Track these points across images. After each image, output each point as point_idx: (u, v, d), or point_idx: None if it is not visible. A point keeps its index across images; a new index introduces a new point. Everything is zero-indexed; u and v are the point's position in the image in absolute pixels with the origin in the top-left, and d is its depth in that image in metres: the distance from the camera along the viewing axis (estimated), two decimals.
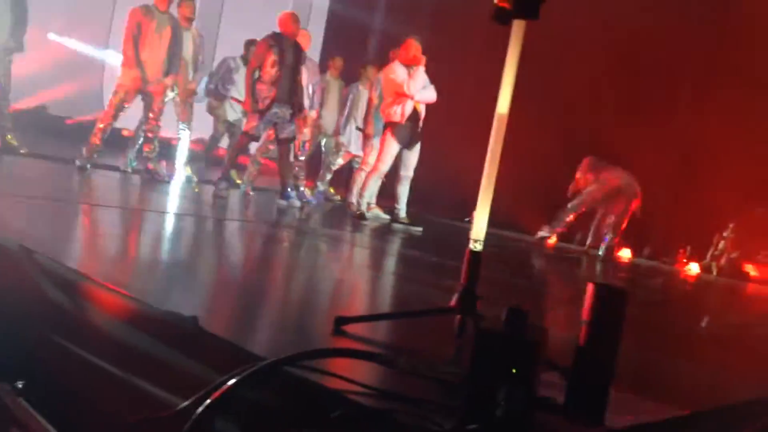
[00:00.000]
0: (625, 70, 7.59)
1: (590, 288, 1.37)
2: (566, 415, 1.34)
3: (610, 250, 6.61)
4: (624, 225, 6.59)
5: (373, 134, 6.61)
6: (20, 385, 1.72)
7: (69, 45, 8.91)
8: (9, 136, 6.00)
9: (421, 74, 5.84)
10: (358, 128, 7.19)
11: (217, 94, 7.17)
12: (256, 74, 5.70)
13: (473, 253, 1.70)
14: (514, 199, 6.15)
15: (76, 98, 8.85)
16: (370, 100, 6.73)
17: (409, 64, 5.85)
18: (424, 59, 5.82)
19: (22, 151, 5.99)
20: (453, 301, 1.66)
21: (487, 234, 1.72)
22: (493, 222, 1.75)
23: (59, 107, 9.06)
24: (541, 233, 6.87)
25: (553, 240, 6.84)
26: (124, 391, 1.58)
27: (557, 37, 6.78)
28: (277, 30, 5.81)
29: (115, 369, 1.62)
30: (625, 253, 7.01)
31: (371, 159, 6.59)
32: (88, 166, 5.73)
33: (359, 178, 6.72)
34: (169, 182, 6.22)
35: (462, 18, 8.13)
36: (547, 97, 7.35)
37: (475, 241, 1.70)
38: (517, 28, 1.71)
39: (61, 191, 4.79)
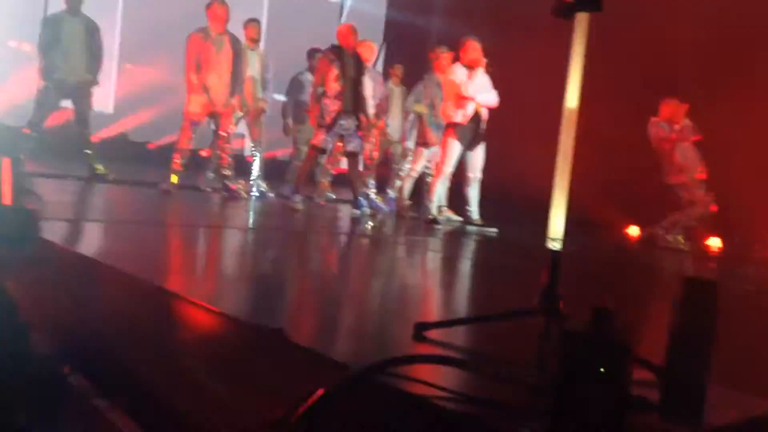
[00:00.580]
0: (709, 50, 7.21)
1: (681, 282, 1.32)
2: (662, 414, 1.29)
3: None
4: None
5: (432, 143, 6.51)
6: (118, 401, 1.83)
7: (146, 72, 9.37)
8: (100, 167, 6.36)
9: (480, 76, 5.78)
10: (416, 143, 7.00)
11: (298, 115, 6.98)
12: (320, 90, 5.83)
13: (553, 252, 1.66)
14: (596, 193, 5.98)
15: (155, 124, 9.33)
16: (420, 116, 6.59)
17: (468, 66, 5.80)
18: (484, 62, 5.75)
19: (110, 178, 6.35)
20: (535, 303, 1.63)
21: (568, 231, 1.68)
22: (573, 218, 1.71)
23: (140, 134, 9.58)
24: None
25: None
26: (219, 406, 1.65)
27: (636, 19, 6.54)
28: (336, 43, 5.91)
29: (210, 383, 1.69)
30: (714, 242, 6.69)
31: (419, 166, 6.62)
32: (171, 190, 6.00)
33: (406, 183, 6.79)
34: (247, 199, 6.44)
35: (522, 16, 7.99)
36: (629, 82, 7.10)
37: (554, 239, 1.67)
38: (581, 20, 1.67)
39: (147, 213, 5.05)
